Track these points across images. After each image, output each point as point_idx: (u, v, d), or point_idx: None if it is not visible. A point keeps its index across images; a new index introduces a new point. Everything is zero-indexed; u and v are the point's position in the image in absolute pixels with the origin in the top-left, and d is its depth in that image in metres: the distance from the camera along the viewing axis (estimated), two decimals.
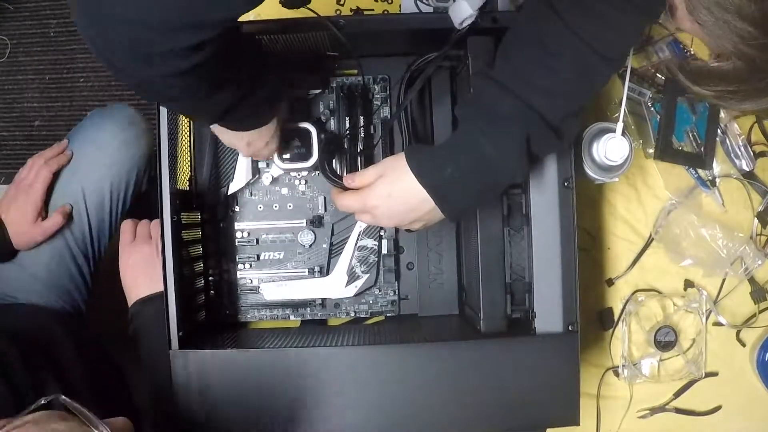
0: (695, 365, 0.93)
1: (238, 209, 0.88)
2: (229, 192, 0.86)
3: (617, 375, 0.93)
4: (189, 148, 0.83)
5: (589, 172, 0.84)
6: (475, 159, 0.65)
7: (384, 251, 0.88)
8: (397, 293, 0.89)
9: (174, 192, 0.77)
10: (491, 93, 0.65)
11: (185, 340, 0.75)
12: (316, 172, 0.87)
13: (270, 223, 0.88)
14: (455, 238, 0.89)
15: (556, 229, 0.73)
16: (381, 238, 0.88)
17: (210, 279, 0.87)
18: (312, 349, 0.74)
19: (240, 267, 0.88)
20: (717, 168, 0.94)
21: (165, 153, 0.76)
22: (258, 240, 0.88)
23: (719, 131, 0.93)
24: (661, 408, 0.93)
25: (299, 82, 0.86)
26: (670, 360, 0.93)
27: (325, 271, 0.88)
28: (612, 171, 0.83)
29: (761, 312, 0.94)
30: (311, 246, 0.88)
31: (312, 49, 0.81)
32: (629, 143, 0.80)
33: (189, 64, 0.53)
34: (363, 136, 0.86)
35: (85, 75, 1.54)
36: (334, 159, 0.84)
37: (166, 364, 0.74)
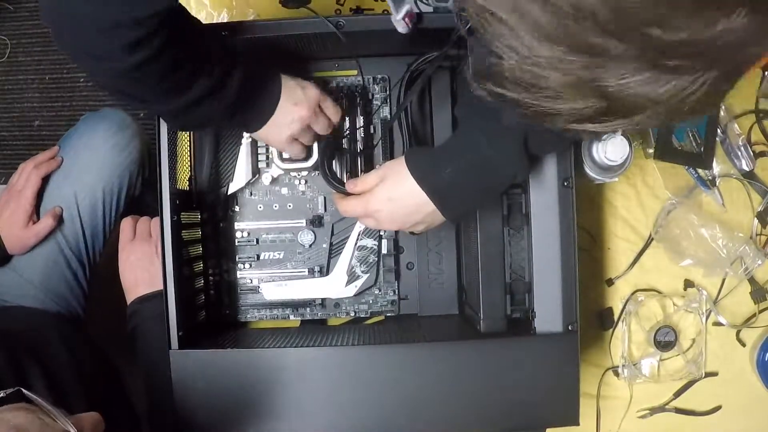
0: (695, 365, 0.93)
1: (238, 209, 0.88)
2: (229, 192, 0.86)
3: (617, 375, 0.93)
4: (189, 148, 0.83)
5: (589, 172, 0.84)
6: (475, 160, 0.65)
7: (384, 251, 0.88)
8: (397, 293, 0.89)
9: (174, 192, 0.77)
10: None
11: (185, 339, 0.75)
12: (316, 172, 0.87)
13: (270, 223, 0.88)
14: (455, 238, 0.89)
15: (556, 229, 0.73)
16: (381, 238, 0.88)
17: (210, 279, 0.87)
18: (312, 349, 0.74)
19: (240, 267, 0.88)
20: (717, 168, 0.94)
21: (165, 153, 0.76)
22: (258, 240, 0.88)
23: (719, 131, 0.93)
24: (661, 408, 0.93)
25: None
26: (670, 360, 0.93)
27: (325, 271, 0.88)
28: (612, 171, 0.83)
29: (761, 312, 0.94)
30: (311, 246, 0.88)
31: (312, 49, 0.81)
32: (629, 143, 0.80)
33: (134, 61, 0.56)
34: (363, 136, 0.86)
35: (85, 75, 1.54)
36: (334, 159, 0.84)
37: (164, 362, 0.74)
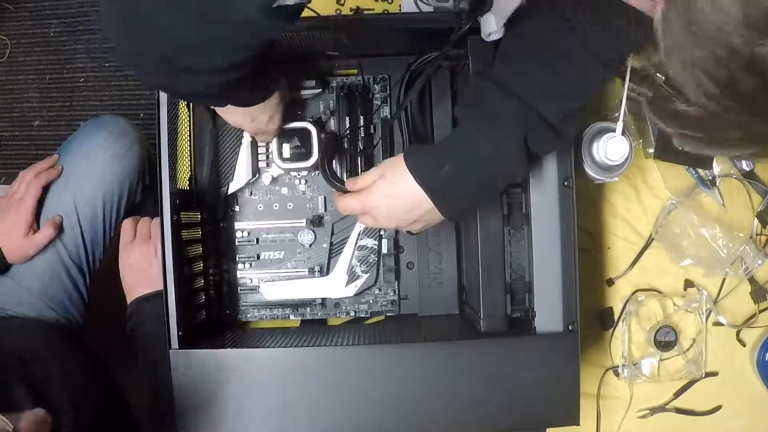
0: (695, 365, 0.93)
1: (238, 209, 0.88)
2: (229, 191, 0.86)
3: (617, 375, 0.93)
4: (189, 147, 0.83)
5: (589, 171, 0.84)
6: (473, 157, 0.65)
7: (384, 251, 0.88)
8: (397, 293, 0.89)
9: (174, 191, 0.77)
10: (490, 92, 0.65)
11: (185, 339, 0.75)
12: (316, 171, 0.87)
13: (270, 223, 0.88)
14: (455, 237, 0.89)
15: (556, 229, 0.73)
16: (381, 237, 0.88)
17: (210, 279, 0.87)
18: (312, 349, 0.74)
19: (240, 266, 0.88)
20: (717, 168, 0.94)
21: (165, 153, 0.76)
22: (258, 239, 0.88)
23: None
24: (661, 408, 0.93)
25: (299, 82, 0.86)
26: (670, 360, 0.93)
27: (325, 271, 0.88)
28: (612, 171, 0.83)
29: (761, 312, 0.94)
30: (311, 246, 0.88)
31: (312, 49, 0.81)
32: (629, 143, 0.80)
33: (227, 78, 0.58)
34: (363, 136, 0.86)
35: (85, 75, 1.54)
36: (334, 159, 0.84)
37: (163, 362, 0.74)
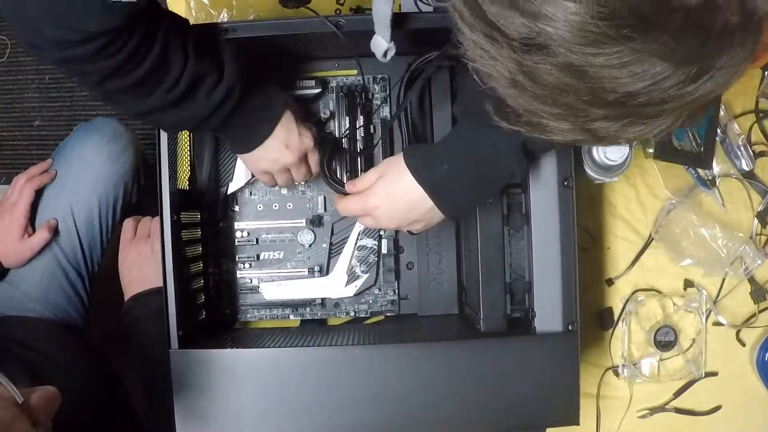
0: (695, 365, 0.93)
1: (237, 209, 0.88)
2: (229, 191, 0.86)
3: (617, 375, 0.93)
4: (189, 147, 0.83)
5: (589, 171, 0.84)
6: (471, 155, 0.65)
7: (384, 251, 0.88)
8: (397, 293, 0.89)
9: (174, 191, 0.77)
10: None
11: (185, 339, 0.75)
12: None
13: (270, 223, 0.88)
14: (455, 237, 0.89)
15: (556, 229, 0.73)
16: (381, 237, 0.88)
17: (210, 279, 0.87)
18: (312, 349, 0.74)
19: (240, 267, 0.88)
20: (717, 168, 0.93)
21: (165, 153, 0.76)
22: (258, 240, 0.88)
23: (719, 131, 0.93)
24: (661, 408, 0.93)
25: (299, 82, 0.86)
26: (670, 360, 0.93)
27: (325, 271, 0.88)
28: (612, 170, 0.83)
29: (761, 312, 0.94)
30: (311, 246, 0.88)
31: (311, 49, 0.81)
32: (629, 143, 0.80)
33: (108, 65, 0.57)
34: (363, 136, 0.86)
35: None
36: (334, 159, 0.84)
37: (157, 358, 0.74)
